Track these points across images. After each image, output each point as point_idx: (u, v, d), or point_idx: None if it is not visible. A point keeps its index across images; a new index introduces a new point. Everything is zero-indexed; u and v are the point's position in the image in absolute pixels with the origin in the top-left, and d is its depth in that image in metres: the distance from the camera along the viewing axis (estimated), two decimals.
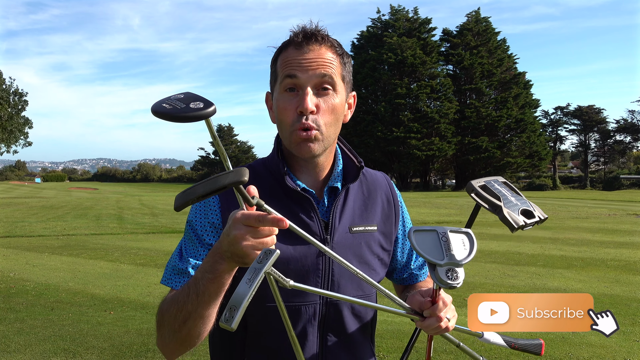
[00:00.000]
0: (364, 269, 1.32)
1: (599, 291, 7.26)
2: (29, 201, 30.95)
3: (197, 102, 0.95)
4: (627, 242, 12.27)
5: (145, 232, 14.75)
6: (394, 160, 52.41)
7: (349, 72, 1.32)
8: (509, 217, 1.19)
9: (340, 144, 1.41)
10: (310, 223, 1.29)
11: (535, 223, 1.23)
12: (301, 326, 1.27)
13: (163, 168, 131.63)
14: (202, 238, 1.26)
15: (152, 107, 0.96)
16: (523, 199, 1.27)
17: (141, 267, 9.11)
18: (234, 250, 0.99)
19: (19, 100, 57.20)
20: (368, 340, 1.42)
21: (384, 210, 1.43)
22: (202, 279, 1.06)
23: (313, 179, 1.34)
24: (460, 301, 6.04)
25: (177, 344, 1.16)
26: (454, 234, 1.14)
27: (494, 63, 53.74)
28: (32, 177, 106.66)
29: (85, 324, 5.62)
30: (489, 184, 1.28)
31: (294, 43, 1.24)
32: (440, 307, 1.19)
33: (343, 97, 1.29)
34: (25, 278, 8.12)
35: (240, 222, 0.98)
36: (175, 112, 0.93)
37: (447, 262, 1.08)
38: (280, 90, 1.25)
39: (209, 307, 1.09)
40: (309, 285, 1.24)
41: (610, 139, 63.18)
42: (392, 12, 56.43)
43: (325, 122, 1.24)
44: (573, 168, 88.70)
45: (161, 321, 1.18)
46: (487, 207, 1.24)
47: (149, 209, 23.67)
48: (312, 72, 1.22)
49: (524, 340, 1.37)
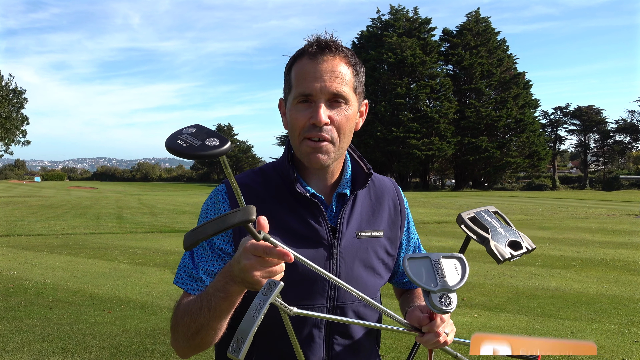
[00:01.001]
0: (369, 274, 1.36)
1: (598, 291, 7.26)
2: (28, 200, 30.95)
3: (212, 139, 0.97)
4: (626, 243, 12.28)
5: (145, 231, 14.74)
6: (393, 160, 52.40)
7: (361, 82, 1.33)
8: (496, 250, 1.24)
9: (350, 150, 1.44)
10: (318, 228, 1.31)
11: (522, 254, 1.27)
12: (308, 330, 1.30)
13: (162, 167, 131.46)
14: (212, 242, 1.29)
15: (166, 144, 0.97)
16: (512, 230, 1.31)
17: (140, 266, 9.11)
18: (244, 278, 1.03)
19: (18, 98, 57.07)
20: (373, 342, 1.45)
21: (391, 216, 1.45)
22: (214, 296, 1.10)
23: (322, 184, 1.37)
24: (459, 301, 6.01)
25: (190, 348, 1.23)
26: (447, 260, 1.17)
27: (493, 63, 53.74)
28: (32, 176, 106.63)
29: (83, 323, 5.62)
30: (478, 215, 1.33)
31: (308, 53, 1.26)
32: (438, 324, 1.22)
33: (355, 108, 1.31)
34: (24, 277, 8.12)
35: (249, 252, 1.01)
36: (193, 151, 0.95)
37: (440, 288, 1.12)
38: (294, 102, 1.27)
39: (221, 321, 1.14)
40: (316, 291, 1.29)
41: (610, 139, 63.18)
42: (392, 11, 56.42)
43: (338, 134, 1.27)
44: (572, 168, 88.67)
45: (175, 327, 1.23)
46: (476, 239, 1.29)
47: (148, 208, 23.66)
48: (326, 86, 1.23)
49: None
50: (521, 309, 6.32)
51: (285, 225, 1.29)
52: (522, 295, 7.04)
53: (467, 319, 5.89)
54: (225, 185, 1.33)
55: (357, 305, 1.34)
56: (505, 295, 7.00)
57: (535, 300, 6.73)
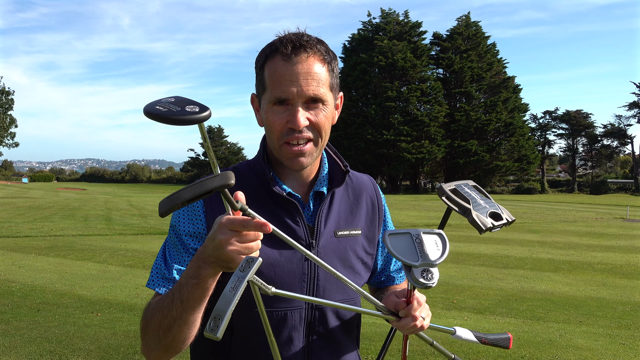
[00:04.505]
0: (348, 273, 1.33)
1: (586, 294, 7.32)
2: (15, 201, 30.63)
3: (192, 106, 0.94)
4: (614, 246, 12.40)
5: (134, 233, 14.65)
6: (384, 163, 52.54)
7: (336, 77, 1.31)
8: (477, 219, 1.23)
9: (326, 147, 1.41)
10: (295, 228, 1.29)
11: (503, 225, 1.27)
12: (287, 331, 1.28)
13: (152, 169, 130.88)
14: (185, 243, 1.26)
15: (145, 109, 0.94)
16: (492, 202, 1.32)
17: (129, 268, 9.04)
18: (219, 255, 0.99)
19: (6, 99, 56.45)
20: (353, 342, 1.43)
21: (369, 214, 1.43)
22: (186, 285, 1.06)
23: (299, 183, 1.35)
24: (449, 303, 6.05)
25: (162, 350, 1.16)
26: (427, 235, 1.17)
27: (483, 67, 54.14)
28: (19, 177, 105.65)
29: (71, 326, 5.56)
30: (459, 187, 1.32)
31: (281, 54, 1.22)
32: (415, 307, 1.20)
33: (332, 106, 1.29)
34: (11, 279, 8.02)
35: (225, 227, 0.98)
36: (171, 115, 0.92)
37: (421, 263, 1.10)
38: (270, 104, 1.23)
39: (194, 313, 1.09)
40: (294, 290, 1.25)
41: (598, 144, 63.86)
42: (383, 15, 56.62)
43: (316, 134, 1.25)
44: (561, 172, 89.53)
45: (145, 328, 1.17)
46: (457, 209, 1.28)
47: (137, 210, 23.52)
48: (302, 90, 1.20)
49: (494, 335, 1.40)
50: (510, 312, 6.35)
51: None
52: (511, 298, 7.08)
53: (456, 321, 5.90)
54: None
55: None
56: (495, 298, 7.03)
57: (524, 303, 6.77)
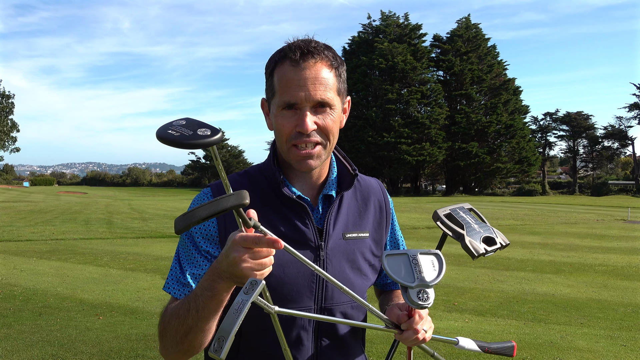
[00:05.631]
0: (356, 275, 1.37)
1: (587, 296, 7.32)
2: (17, 205, 30.65)
3: (204, 129, 0.96)
4: (615, 248, 12.39)
5: (135, 236, 14.66)
6: (384, 165, 52.54)
7: (344, 82, 1.34)
8: (470, 245, 1.27)
9: (335, 151, 1.45)
10: (305, 230, 1.32)
11: (496, 249, 1.31)
12: (296, 332, 1.31)
13: (153, 172, 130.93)
14: (198, 245, 1.29)
15: (157, 133, 0.96)
16: (486, 226, 1.35)
17: (130, 272, 9.05)
18: (233, 272, 1.03)
19: (6, 103, 56.49)
20: (360, 342, 1.47)
21: (376, 217, 1.47)
22: (201, 296, 1.10)
23: (308, 186, 1.38)
24: (450, 306, 6.06)
25: (180, 353, 1.21)
26: (424, 256, 1.20)
27: (484, 69, 54.16)
28: (20, 181, 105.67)
29: (73, 330, 5.57)
30: (454, 212, 1.37)
31: (290, 60, 1.25)
32: (416, 320, 1.23)
33: (340, 110, 1.33)
34: (13, 283, 8.04)
35: (239, 244, 1.01)
36: (184, 140, 0.94)
37: (417, 284, 1.14)
38: (279, 108, 1.27)
39: (209, 322, 1.13)
40: (303, 290, 1.29)
41: (599, 145, 63.73)
42: (383, 17, 56.68)
43: (325, 137, 1.28)
44: (562, 174, 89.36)
45: (164, 332, 1.22)
46: (451, 234, 1.32)
47: (138, 213, 23.53)
48: (310, 94, 1.24)
49: (497, 343, 1.41)
50: (511, 314, 6.35)
51: (271, 227, 1.29)
52: (512, 300, 7.08)
53: (457, 323, 5.91)
54: (211, 188, 1.34)
55: (345, 306, 1.36)
56: (496, 300, 7.03)
57: (525, 305, 6.77)
